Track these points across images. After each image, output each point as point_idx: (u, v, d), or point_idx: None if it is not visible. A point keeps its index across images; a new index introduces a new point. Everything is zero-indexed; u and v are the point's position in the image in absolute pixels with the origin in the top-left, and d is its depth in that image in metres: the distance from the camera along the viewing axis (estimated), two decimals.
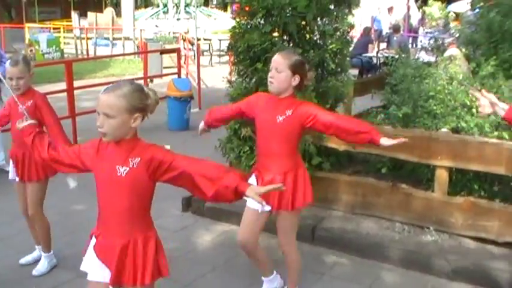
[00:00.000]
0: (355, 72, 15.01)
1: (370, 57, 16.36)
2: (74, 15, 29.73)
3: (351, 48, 7.26)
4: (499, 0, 8.00)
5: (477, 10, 9.21)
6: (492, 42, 7.82)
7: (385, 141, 4.14)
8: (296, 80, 4.28)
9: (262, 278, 4.86)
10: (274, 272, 4.85)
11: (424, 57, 10.77)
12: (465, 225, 5.76)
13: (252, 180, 4.42)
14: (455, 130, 5.95)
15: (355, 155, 7.03)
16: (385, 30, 22.85)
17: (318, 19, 6.66)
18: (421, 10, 27.20)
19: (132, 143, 3.18)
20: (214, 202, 3.30)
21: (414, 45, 22.20)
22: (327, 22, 6.74)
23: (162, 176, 3.17)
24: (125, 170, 3.12)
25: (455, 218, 5.79)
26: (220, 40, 23.11)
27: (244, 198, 3.18)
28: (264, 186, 3.28)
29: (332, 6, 6.73)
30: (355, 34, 17.80)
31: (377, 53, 16.86)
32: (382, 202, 6.16)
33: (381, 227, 6.10)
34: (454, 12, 21.84)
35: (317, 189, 6.21)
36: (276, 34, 6.46)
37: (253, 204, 4.41)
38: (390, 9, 24.10)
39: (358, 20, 22.04)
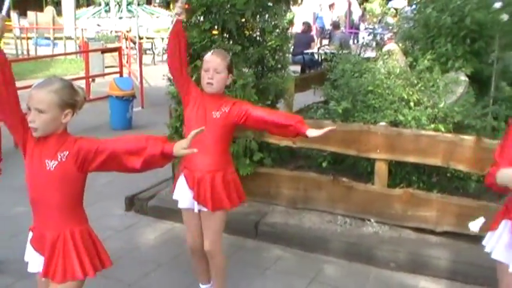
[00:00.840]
0: (297, 68, 15.13)
1: (312, 54, 16.49)
2: (13, 14, 29.10)
3: (291, 45, 7.31)
4: None
5: (414, 6, 9.34)
6: (429, 37, 7.95)
7: (311, 132, 4.12)
8: (230, 79, 4.33)
9: (200, 285, 4.81)
10: (212, 281, 4.80)
11: (366, 53, 10.93)
12: (405, 216, 5.88)
13: (181, 179, 4.42)
14: (394, 123, 6.05)
15: (297, 151, 7.08)
16: (327, 26, 23.04)
17: (257, 16, 6.70)
18: (362, 6, 27.50)
19: (61, 138, 3.19)
20: (148, 169, 3.29)
21: (356, 41, 22.45)
22: (266, 19, 6.78)
23: (91, 164, 3.18)
24: (53, 164, 3.13)
25: (395, 210, 5.90)
26: (163, 38, 23.01)
27: (175, 154, 3.21)
28: (187, 138, 3.28)
29: (271, 4, 6.77)
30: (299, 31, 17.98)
31: (318, 49, 17.02)
32: (323, 196, 6.22)
33: (323, 220, 6.17)
34: (394, 9, 22.14)
35: (259, 185, 6.32)
36: (215, 31, 6.47)
37: (186, 204, 4.43)
38: (331, 6, 24.28)
39: (301, 17, 22.23)
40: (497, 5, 7.47)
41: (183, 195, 4.44)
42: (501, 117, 6.70)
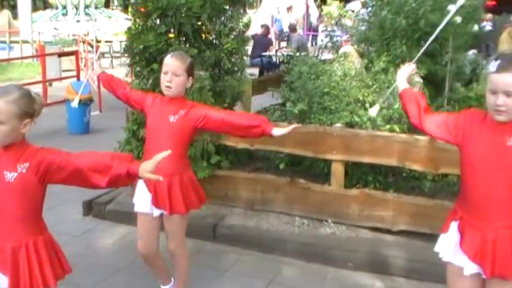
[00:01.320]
0: (256, 71, 15.14)
1: (270, 56, 16.55)
2: None
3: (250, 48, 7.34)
4: None
5: (370, 9, 9.43)
6: (384, 39, 8.04)
7: (276, 131, 4.14)
8: (190, 82, 4.31)
9: (161, 286, 4.80)
10: (173, 279, 4.80)
11: (325, 55, 11.00)
12: (361, 216, 5.93)
13: (141, 183, 4.40)
14: (350, 124, 6.11)
15: (254, 153, 7.11)
16: (286, 29, 23.14)
17: (214, 19, 6.71)
18: (319, 9, 27.64)
19: (20, 149, 3.10)
20: (112, 187, 3.28)
21: (315, 43, 22.55)
22: (222, 22, 6.79)
23: (53, 177, 3.12)
24: (13, 176, 3.05)
25: (352, 210, 5.95)
26: (121, 42, 22.81)
27: (140, 176, 3.18)
28: (153, 161, 3.27)
29: (227, 7, 6.79)
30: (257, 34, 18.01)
31: (276, 51, 17.08)
32: (281, 197, 6.25)
33: (280, 222, 6.19)
34: (352, 11, 22.31)
35: (217, 188, 6.32)
36: (171, 35, 6.46)
37: (144, 208, 4.43)
38: (290, 9, 24.42)
39: (259, 20, 22.29)
40: (451, 7, 7.58)
41: (142, 199, 4.44)
42: None
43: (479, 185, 3.23)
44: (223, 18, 6.81)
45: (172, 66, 4.19)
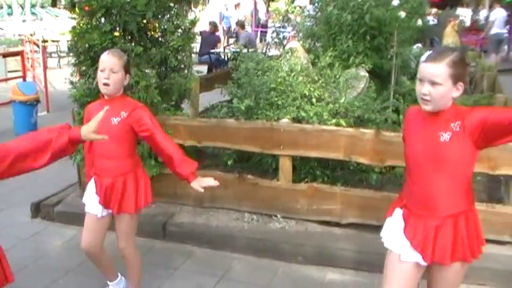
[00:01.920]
0: (204, 68, 15.13)
1: (219, 54, 16.54)
2: None
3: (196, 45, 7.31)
4: None
5: (316, 4, 9.49)
6: (331, 35, 8.11)
7: (195, 184, 4.25)
8: (127, 79, 4.29)
9: (108, 282, 4.79)
10: (119, 274, 4.79)
11: (273, 51, 11.02)
12: (310, 210, 5.97)
13: (91, 183, 4.39)
14: (296, 119, 6.14)
15: (203, 150, 7.10)
16: (234, 26, 23.15)
17: (159, 17, 6.67)
18: (267, 5, 27.71)
19: None
20: (56, 160, 3.17)
21: (264, 39, 22.61)
22: (168, 19, 6.76)
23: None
24: None
25: (300, 204, 5.98)
26: (68, 41, 22.45)
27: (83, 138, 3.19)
28: (94, 120, 3.28)
29: (172, 4, 6.76)
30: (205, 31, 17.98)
31: (224, 48, 17.09)
32: (230, 194, 6.24)
33: (230, 218, 6.20)
34: (300, 7, 22.40)
35: (166, 186, 6.30)
36: (116, 33, 6.41)
37: (92, 209, 4.42)
38: (237, 5, 24.43)
39: (208, 17, 22.24)
40: (395, 2, 7.70)
41: (90, 199, 4.43)
42: (402, 111, 6.90)
43: (419, 179, 3.30)
44: (168, 15, 6.78)
45: (109, 62, 4.15)
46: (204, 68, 14.94)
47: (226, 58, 15.90)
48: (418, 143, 3.27)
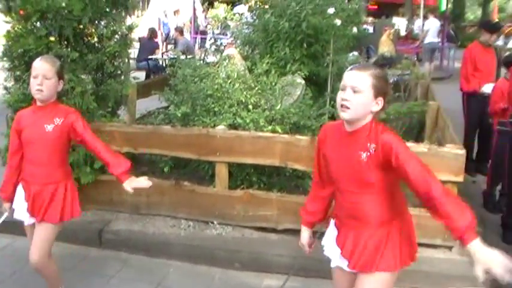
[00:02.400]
0: (142, 74, 15.04)
1: (157, 60, 16.47)
2: None
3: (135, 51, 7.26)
4: (273, 2, 8.37)
5: (254, 12, 9.54)
6: (268, 42, 8.17)
7: (126, 185, 4.22)
8: (60, 85, 4.25)
9: None
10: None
11: (211, 58, 11.03)
12: (246, 216, 5.99)
13: (20, 190, 4.33)
14: (233, 126, 6.16)
15: (140, 156, 7.06)
16: (173, 32, 23.06)
17: (96, 22, 6.62)
18: (207, 12, 27.68)
19: None
20: None
21: (203, 46, 22.59)
22: (104, 25, 6.71)
23: None
24: None
25: (237, 211, 6.00)
26: (4, 45, 22.01)
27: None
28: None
29: (109, 9, 6.71)
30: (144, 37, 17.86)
31: (162, 55, 17.03)
32: (166, 201, 6.23)
33: (166, 225, 6.17)
34: (239, 14, 22.47)
35: (102, 193, 6.25)
36: (52, 38, 6.32)
37: (20, 216, 4.37)
38: (176, 12, 24.34)
39: (147, 23, 22.10)
40: (331, 10, 7.80)
41: (18, 206, 4.36)
42: (338, 118, 6.98)
43: (343, 194, 3.36)
44: (105, 21, 6.72)
45: (42, 69, 4.11)
46: (142, 74, 14.85)
47: (164, 64, 15.85)
48: (340, 161, 3.30)
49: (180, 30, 18.91)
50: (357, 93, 3.10)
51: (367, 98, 3.11)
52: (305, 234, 3.79)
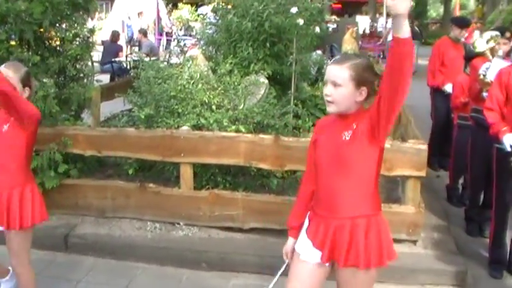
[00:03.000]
0: (107, 77, 14.94)
1: (121, 62, 16.38)
2: None
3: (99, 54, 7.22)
4: (236, 2, 8.39)
5: (217, 12, 9.53)
6: (231, 42, 8.16)
7: None
8: (27, 92, 4.22)
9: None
10: (10, 269, 4.64)
11: (175, 59, 10.98)
12: (212, 216, 6.00)
13: None
14: (197, 127, 6.17)
15: (105, 160, 7.04)
16: (136, 34, 22.95)
17: (57, 25, 6.58)
18: (171, 13, 27.62)
19: None
20: None
21: (167, 48, 22.50)
22: (65, 28, 6.67)
23: None
24: None
25: (202, 211, 6.01)
26: None
27: None
28: None
29: (69, 12, 6.67)
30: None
31: (126, 57, 16.95)
32: (132, 203, 6.21)
33: (133, 227, 6.16)
34: (203, 15, 22.39)
35: (67, 197, 6.22)
36: (13, 42, 6.27)
37: None
38: (140, 14, 24.24)
39: (110, 26, 21.98)
40: (293, 10, 7.82)
41: None
42: (302, 116, 7.04)
43: (323, 180, 3.36)
44: (66, 24, 6.69)
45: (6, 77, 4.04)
46: (106, 77, 14.76)
47: (128, 67, 15.76)
48: (324, 145, 3.35)
49: (143, 32, 18.84)
50: (338, 87, 3.16)
51: (348, 91, 3.16)
52: (290, 242, 3.76)
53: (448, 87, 8.01)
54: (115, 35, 17.44)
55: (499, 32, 6.55)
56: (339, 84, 3.15)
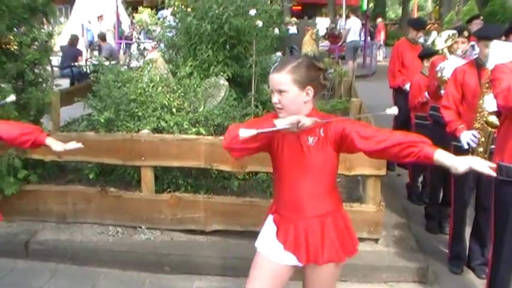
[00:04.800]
0: (67, 82, 14.81)
1: (81, 67, 16.25)
2: None
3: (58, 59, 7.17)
4: (195, 5, 8.38)
5: (177, 15, 9.51)
6: (191, 45, 8.16)
7: (52, 142, 4.14)
8: None
9: None
10: None
11: (136, 63, 10.93)
12: (174, 219, 6.00)
13: None
14: (157, 130, 6.16)
15: (66, 165, 6.98)
16: (96, 38, 22.79)
17: (14, 29, 6.51)
18: (131, 17, 27.45)
19: None
20: None
21: (128, 51, 22.37)
22: (23, 32, 6.61)
23: None
24: None
25: (164, 214, 6.00)
26: None
27: None
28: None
29: (27, 16, 6.60)
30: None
31: (86, 61, 16.83)
32: (93, 208, 6.17)
33: (94, 232, 6.12)
34: (163, 18, 22.29)
35: (27, 203, 6.16)
36: None
37: None
38: (100, 18, 24.09)
39: (70, 30, 21.81)
40: (252, 12, 7.85)
41: None
42: None
43: (286, 183, 3.40)
44: (24, 28, 6.62)
45: None
46: (66, 82, 14.63)
47: (88, 71, 15.64)
48: (286, 147, 3.35)
49: (103, 37, 18.72)
50: (283, 93, 3.20)
51: (294, 94, 3.20)
52: None
53: (409, 87, 8.12)
54: (73, 39, 17.29)
55: (456, 31, 6.65)
56: (283, 91, 3.19)
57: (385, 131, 3.23)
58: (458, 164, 2.93)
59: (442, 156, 2.97)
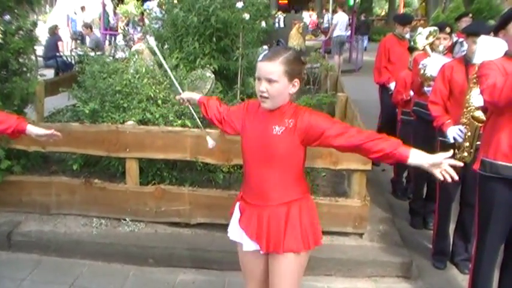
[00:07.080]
0: (51, 72, 14.75)
1: (66, 57, 16.18)
2: None
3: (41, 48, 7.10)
4: None
5: (164, 6, 9.49)
6: (177, 37, 8.14)
7: (33, 129, 4.10)
8: None
9: None
10: None
11: (121, 54, 10.89)
12: (159, 212, 5.98)
13: None
14: (142, 121, 6.13)
15: (50, 155, 6.94)
16: (80, 28, 22.68)
17: None
18: (117, 7, 27.33)
19: None
20: None
21: (113, 42, 22.29)
22: (8, 21, 6.54)
23: None
24: None
25: (149, 207, 5.98)
26: None
27: None
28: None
29: (12, 4, 6.54)
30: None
31: (71, 51, 16.75)
32: (77, 199, 6.13)
33: (78, 224, 6.08)
34: (149, 9, 22.23)
35: (10, 194, 6.11)
36: None
37: None
38: (83, 8, 23.98)
39: (55, 20, 21.68)
40: (239, 4, 7.83)
41: None
42: None
43: (253, 171, 3.42)
44: (8, 16, 6.55)
45: None
46: (51, 72, 14.57)
47: (73, 61, 15.59)
48: (252, 135, 3.39)
49: (88, 27, 18.63)
50: (273, 83, 3.19)
51: (283, 85, 3.21)
52: None
53: (393, 85, 8.12)
54: (53, 29, 17.19)
55: (438, 28, 6.66)
56: (274, 81, 3.19)
57: (356, 128, 3.27)
58: (425, 159, 3.19)
59: (416, 157, 3.21)
